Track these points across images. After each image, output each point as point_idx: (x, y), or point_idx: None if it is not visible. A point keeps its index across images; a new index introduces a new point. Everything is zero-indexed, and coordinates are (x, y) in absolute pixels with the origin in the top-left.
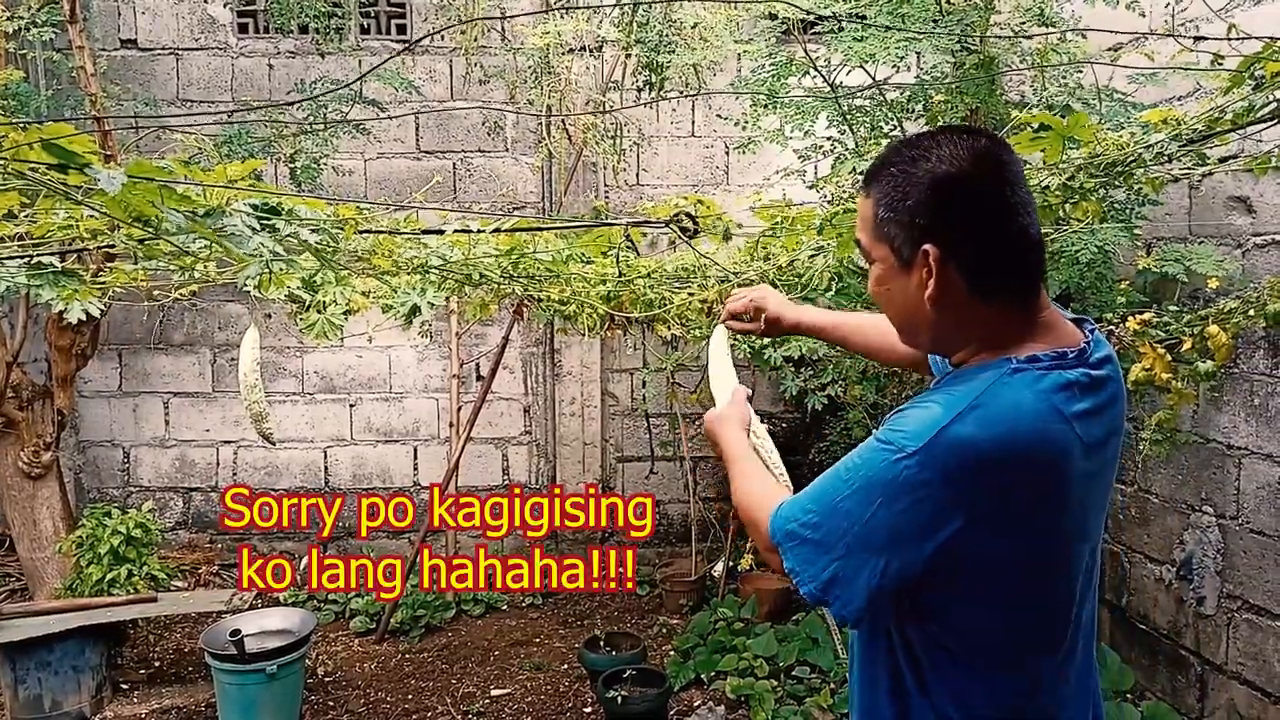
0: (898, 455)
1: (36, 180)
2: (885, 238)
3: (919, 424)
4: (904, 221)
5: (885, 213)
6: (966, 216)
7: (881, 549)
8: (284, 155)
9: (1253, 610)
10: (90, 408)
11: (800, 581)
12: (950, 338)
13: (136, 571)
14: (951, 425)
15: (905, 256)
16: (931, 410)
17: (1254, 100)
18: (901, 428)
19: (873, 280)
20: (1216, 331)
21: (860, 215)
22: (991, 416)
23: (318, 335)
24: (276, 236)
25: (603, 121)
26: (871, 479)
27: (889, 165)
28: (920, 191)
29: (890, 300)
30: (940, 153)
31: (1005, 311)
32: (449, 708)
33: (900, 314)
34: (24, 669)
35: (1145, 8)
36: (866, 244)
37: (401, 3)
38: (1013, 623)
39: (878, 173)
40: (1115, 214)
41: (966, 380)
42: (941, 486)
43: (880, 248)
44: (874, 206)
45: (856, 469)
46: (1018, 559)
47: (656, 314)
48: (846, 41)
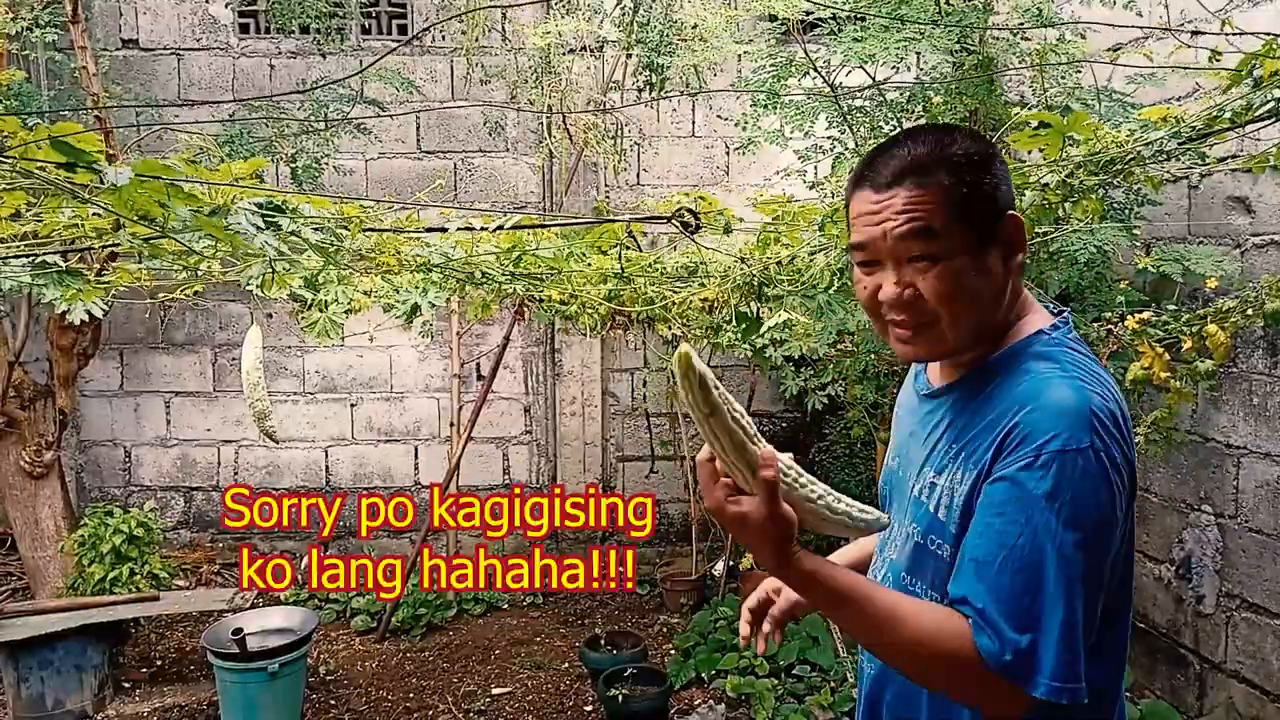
0: (1075, 463)
1: (44, 179)
2: (965, 218)
3: (1066, 420)
4: (984, 195)
5: (966, 188)
6: (1010, 187)
7: (1101, 571)
8: (285, 155)
9: (1251, 609)
10: (92, 407)
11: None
12: (998, 320)
13: (138, 570)
14: (1088, 398)
15: (985, 232)
16: (1067, 399)
17: (1252, 99)
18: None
19: (942, 278)
20: (1215, 331)
21: (916, 202)
22: (1091, 378)
23: (319, 334)
24: (281, 235)
25: (603, 121)
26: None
27: (931, 154)
28: (987, 162)
29: (967, 290)
30: (960, 133)
31: (1021, 284)
32: (450, 706)
33: (976, 301)
34: (26, 668)
35: (1143, 8)
36: (942, 227)
37: (403, 3)
38: (1120, 584)
39: (921, 160)
40: (1114, 214)
41: (1030, 359)
42: (1109, 464)
43: (958, 229)
44: (942, 187)
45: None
46: (1128, 523)
47: (657, 312)
48: (846, 42)
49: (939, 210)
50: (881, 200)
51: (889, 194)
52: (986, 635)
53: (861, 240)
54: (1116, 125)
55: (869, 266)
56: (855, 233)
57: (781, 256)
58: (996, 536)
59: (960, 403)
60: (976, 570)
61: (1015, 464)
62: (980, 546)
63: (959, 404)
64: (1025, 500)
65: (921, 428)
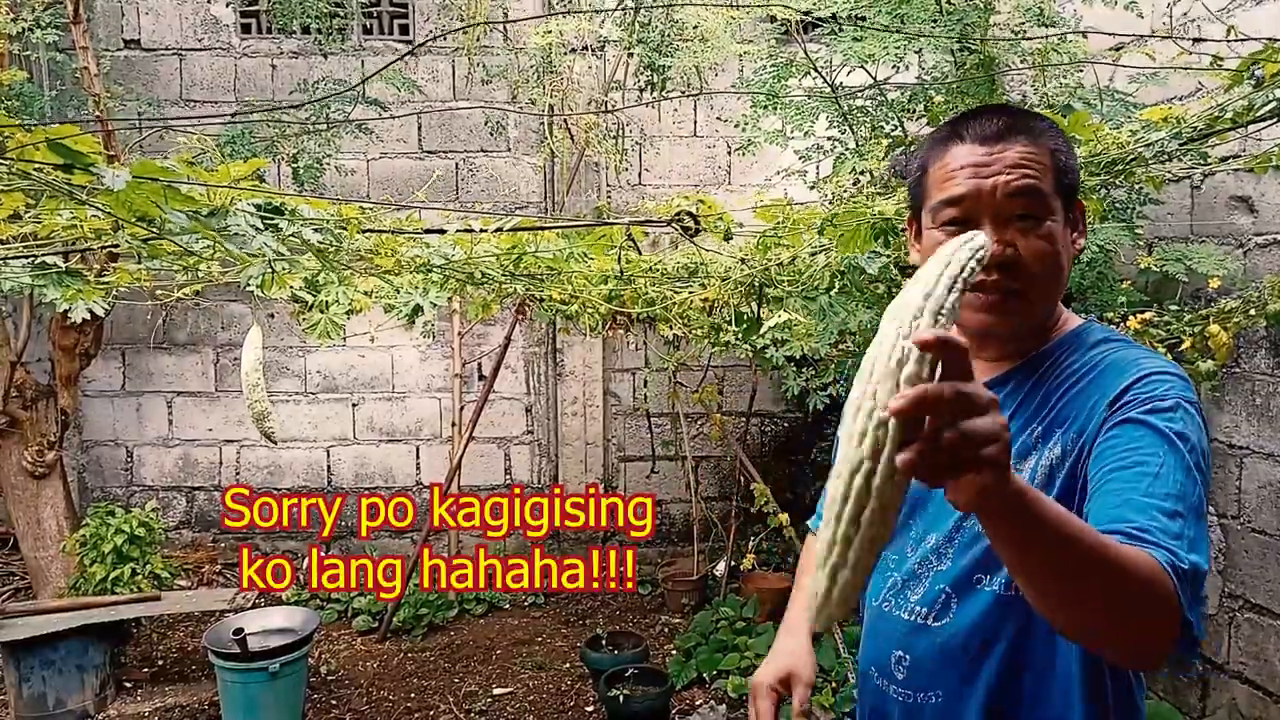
0: (1190, 411)
1: (42, 181)
2: (1063, 188)
3: (1178, 379)
4: (1074, 176)
5: (1065, 161)
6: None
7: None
8: (286, 155)
9: (1254, 609)
10: (94, 407)
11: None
12: (1051, 305)
13: (140, 570)
14: (1167, 362)
15: (1068, 210)
16: (1165, 365)
17: (1254, 99)
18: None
19: (1041, 239)
20: (1217, 331)
21: (1034, 163)
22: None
23: (320, 335)
24: (280, 236)
25: (605, 121)
26: (1199, 450)
27: (1039, 121)
28: (1070, 149)
29: (1058, 259)
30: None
31: None
32: (451, 706)
33: (1059, 274)
34: (28, 667)
35: (1145, 9)
36: (1050, 190)
37: (404, 2)
38: None
39: (1035, 121)
40: (1116, 213)
41: (1098, 341)
42: (1204, 424)
43: (1056, 200)
44: (1054, 157)
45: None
46: None
47: (658, 313)
48: (845, 42)
49: (1048, 172)
50: (993, 153)
51: (1000, 147)
52: (1168, 551)
53: (962, 194)
54: (1118, 125)
55: (956, 226)
56: (954, 186)
57: (783, 258)
58: (1147, 462)
59: (1024, 389)
60: (1143, 488)
61: (1143, 408)
62: (1131, 481)
63: (1023, 391)
64: (1163, 438)
65: None
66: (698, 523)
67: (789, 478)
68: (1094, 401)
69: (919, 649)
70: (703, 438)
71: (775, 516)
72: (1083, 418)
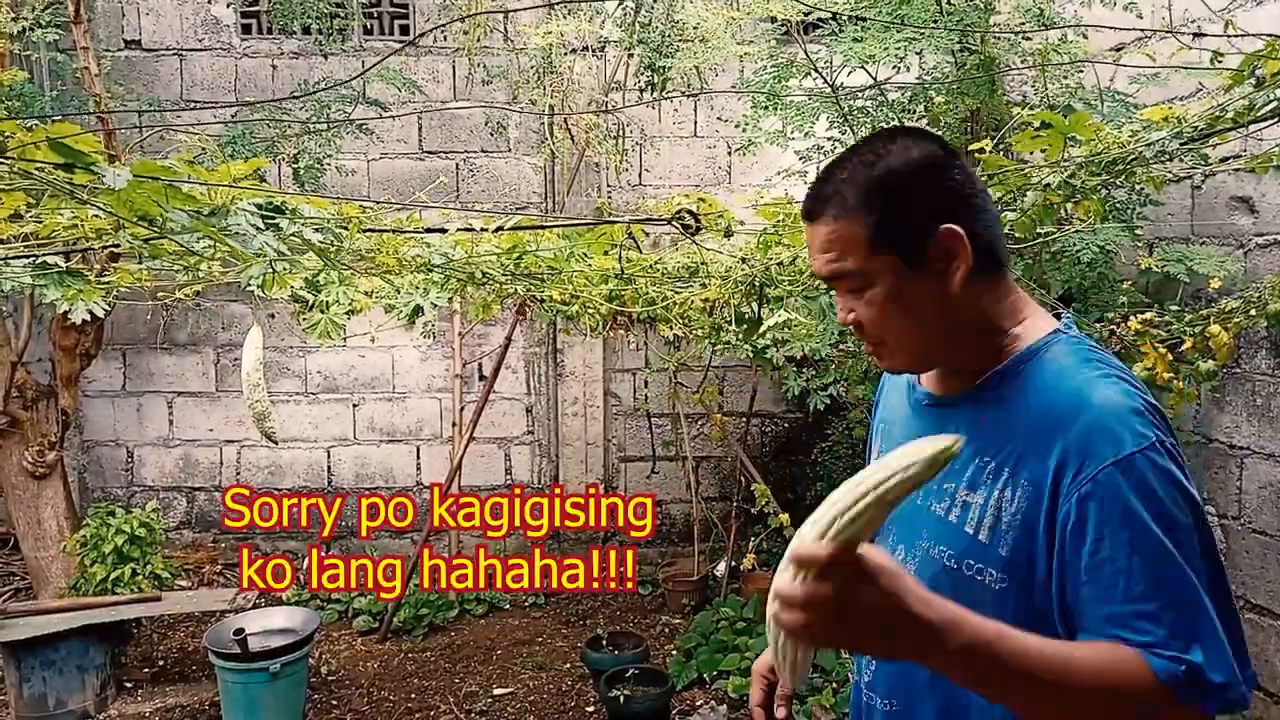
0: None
1: (43, 180)
2: (887, 247)
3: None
4: (908, 217)
5: (880, 218)
6: (965, 188)
7: (1214, 550)
8: (287, 156)
9: (1255, 610)
10: (94, 407)
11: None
12: (971, 331)
13: (140, 571)
14: (1131, 393)
15: (917, 255)
16: (1117, 401)
17: (1255, 99)
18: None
19: (873, 306)
20: (1218, 331)
21: (834, 241)
22: (1123, 372)
23: (321, 335)
24: (281, 235)
25: (605, 122)
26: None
27: (853, 178)
28: (914, 180)
29: (905, 314)
30: (901, 144)
31: (1009, 286)
32: (452, 707)
33: (917, 326)
34: (29, 667)
35: (1144, 9)
36: (859, 265)
37: (405, 3)
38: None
39: (839, 191)
40: (1116, 214)
41: (1054, 362)
42: (1174, 449)
43: (880, 260)
44: (858, 221)
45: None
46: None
47: (659, 313)
48: (846, 42)
49: (856, 244)
50: (810, 232)
51: (813, 227)
52: (1160, 658)
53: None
54: (1119, 125)
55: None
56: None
57: (783, 257)
58: (1116, 559)
59: (977, 413)
60: (1119, 595)
61: (1094, 478)
62: (1110, 569)
63: (979, 415)
64: (1123, 513)
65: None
66: (698, 523)
67: (789, 478)
68: (1045, 454)
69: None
70: (703, 438)
71: (776, 517)
72: (1033, 472)
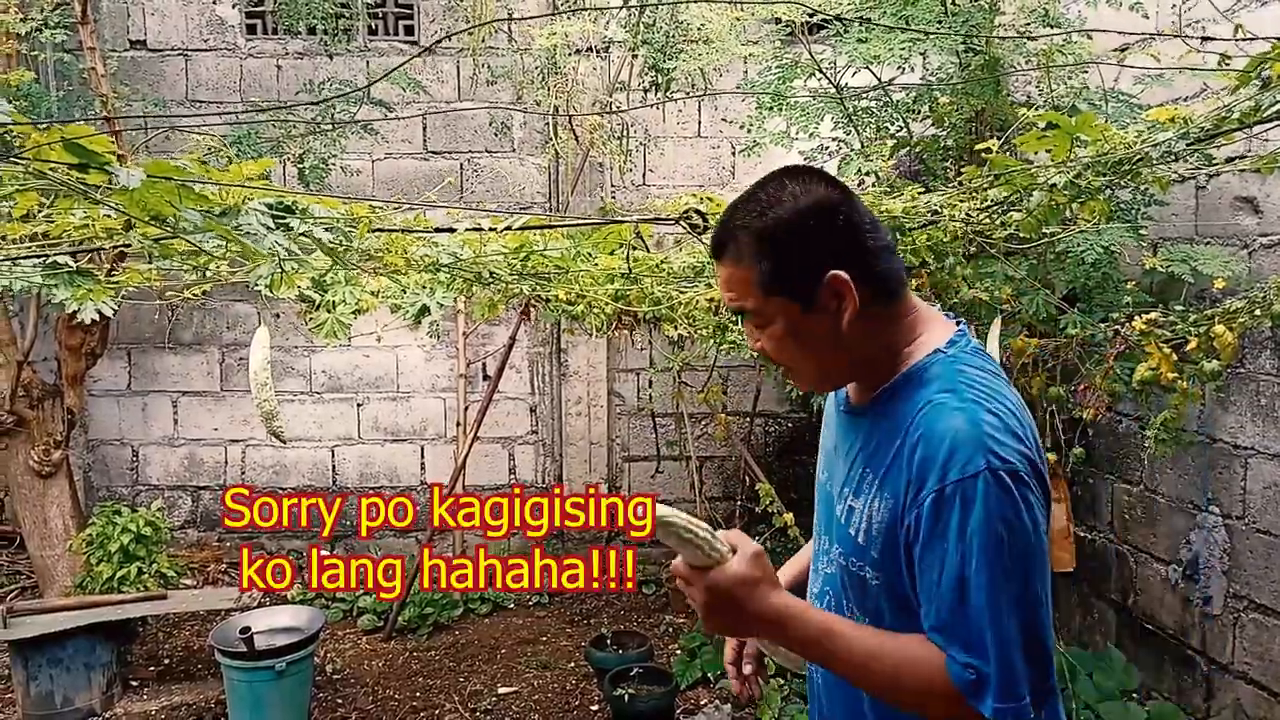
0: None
1: (57, 180)
2: (780, 290)
3: (960, 448)
4: (798, 264)
5: (772, 265)
6: (854, 230)
7: (1031, 577)
8: (292, 156)
9: (1259, 610)
10: (100, 406)
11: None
12: (870, 357)
13: (146, 569)
14: (979, 419)
15: (809, 297)
16: (958, 430)
17: (1261, 100)
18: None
19: (774, 340)
20: (1222, 331)
21: (734, 282)
22: (985, 394)
23: (326, 335)
24: (291, 235)
25: (609, 122)
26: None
27: (747, 225)
28: (802, 229)
29: (802, 347)
30: (791, 190)
31: (906, 308)
32: (456, 705)
33: (816, 357)
34: (36, 665)
35: (1150, 10)
36: (756, 306)
37: (409, 3)
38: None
39: (735, 237)
40: (1121, 214)
41: (928, 383)
42: (1010, 477)
43: (775, 302)
44: (752, 267)
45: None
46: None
47: (664, 313)
48: (850, 43)
49: (751, 288)
50: (717, 269)
51: (719, 265)
52: (953, 662)
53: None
54: (1124, 126)
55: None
56: None
57: None
58: (931, 570)
59: (870, 425)
60: (933, 602)
61: (925, 499)
62: (927, 580)
63: (869, 427)
64: (942, 534)
65: (842, 442)
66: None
67: (793, 478)
68: (901, 471)
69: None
70: (707, 438)
71: (780, 516)
72: (894, 486)
